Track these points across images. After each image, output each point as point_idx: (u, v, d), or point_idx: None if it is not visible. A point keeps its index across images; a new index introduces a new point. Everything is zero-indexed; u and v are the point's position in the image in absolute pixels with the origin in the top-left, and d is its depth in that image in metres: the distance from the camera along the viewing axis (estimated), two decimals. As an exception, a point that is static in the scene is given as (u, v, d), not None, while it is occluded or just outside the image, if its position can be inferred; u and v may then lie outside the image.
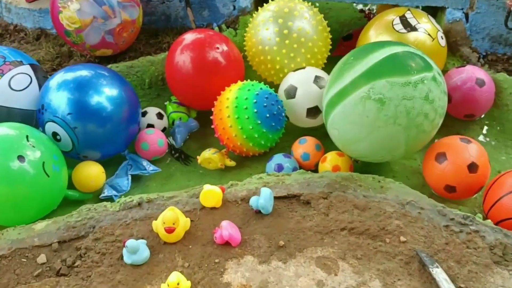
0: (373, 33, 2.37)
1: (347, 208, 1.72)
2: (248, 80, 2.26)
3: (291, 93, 2.18)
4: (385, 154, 1.95)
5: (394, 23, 2.31)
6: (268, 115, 2.07)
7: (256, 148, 2.14)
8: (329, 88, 1.96)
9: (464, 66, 2.27)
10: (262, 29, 2.36)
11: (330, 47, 2.45)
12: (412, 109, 1.78)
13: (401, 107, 1.78)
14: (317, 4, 2.64)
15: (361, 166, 2.15)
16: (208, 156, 2.17)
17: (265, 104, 2.07)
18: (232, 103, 2.09)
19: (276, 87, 2.32)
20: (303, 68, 2.26)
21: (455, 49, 2.48)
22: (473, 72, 2.20)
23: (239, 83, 2.18)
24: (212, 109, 2.20)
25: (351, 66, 1.89)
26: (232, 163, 2.19)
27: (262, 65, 2.40)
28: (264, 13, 2.40)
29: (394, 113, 1.78)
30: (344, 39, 2.78)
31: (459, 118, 2.29)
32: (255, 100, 2.07)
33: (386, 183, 1.84)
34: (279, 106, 2.14)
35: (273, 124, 2.11)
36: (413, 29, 2.26)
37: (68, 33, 2.44)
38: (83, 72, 2.12)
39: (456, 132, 2.28)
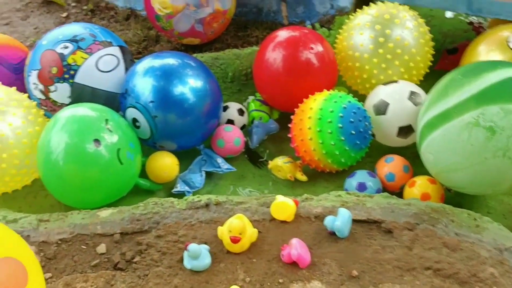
0: (483, 49, 2.12)
1: (435, 245, 1.51)
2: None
3: (381, 108, 1.99)
4: (486, 188, 1.72)
5: (508, 40, 2.06)
6: (353, 132, 1.90)
7: (334, 166, 1.98)
8: (428, 107, 1.75)
9: None
10: (356, 33, 2.19)
11: (430, 64, 2.22)
12: (527, 142, 1.55)
13: (514, 139, 1.55)
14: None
15: (452, 196, 1.92)
16: (280, 164, 2.04)
17: (351, 120, 1.90)
18: (315, 114, 1.93)
19: (360, 96, 2.15)
20: (395, 81, 2.06)
21: None
22: None
23: (326, 92, 2.02)
24: (292, 117, 2.06)
25: (459, 86, 1.68)
26: (303, 178, 2.03)
27: (349, 71, 2.24)
28: (362, 16, 2.22)
29: (505, 144, 1.55)
30: (448, 52, 2.53)
31: None
32: (341, 114, 1.90)
33: (483, 222, 1.61)
34: (367, 123, 1.95)
35: (358, 142, 1.92)
36: (531, 49, 1.99)
37: (159, 18, 2.40)
38: (170, 60, 2.07)
39: None
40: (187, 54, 2.24)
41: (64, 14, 3.17)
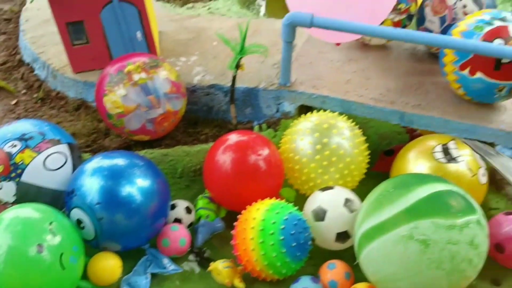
0: (412, 156, 2.29)
1: None
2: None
3: (320, 215, 2.09)
4: (424, 297, 1.82)
5: (435, 150, 2.23)
6: (294, 244, 1.96)
7: (275, 276, 2.02)
8: (364, 219, 1.88)
9: (512, 213, 2.13)
10: (298, 137, 2.33)
11: (365, 170, 2.38)
12: (457, 254, 1.69)
13: (446, 252, 1.68)
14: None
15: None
16: (220, 268, 2.04)
17: (292, 232, 1.97)
18: (258, 225, 1.99)
19: (301, 196, 2.27)
20: (331, 188, 2.19)
21: (501, 187, 2.37)
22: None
23: (268, 202, 2.10)
24: (235, 224, 2.12)
25: (391, 199, 1.82)
26: (241, 286, 2.03)
27: (291, 172, 2.37)
28: (305, 123, 2.38)
29: (438, 257, 1.68)
30: (385, 154, 2.71)
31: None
32: (283, 226, 1.97)
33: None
34: (307, 234, 2.03)
35: (298, 254, 1.99)
36: (454, 160, 2.18)
37: (110, 116, 2.46)
38: (119, 161, 2.09)
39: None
40: (136, 153, 2.29)
41: (14, 101, 3.15)
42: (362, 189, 2.23)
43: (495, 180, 2.37)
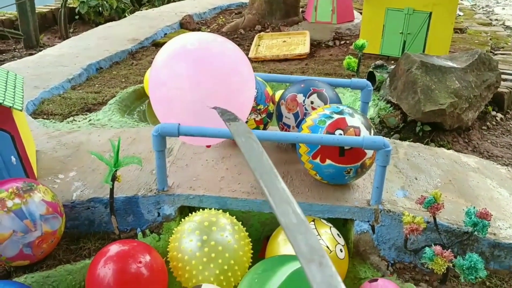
0: (281, 239, 2.53)
1: None
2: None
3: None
4: None
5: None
6: None
7: None
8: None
9: (376, 280, 2.36)
10: (181, 237, 2.46)
11: (248, 264, 2.50)
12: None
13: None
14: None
15: None
16: None
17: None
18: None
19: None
20: (200, 286, 2.30)
21: (366, 257, 2.64)
22: (386, 286, 2.29)
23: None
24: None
25: (261, 283, 1.96)
26: None
27: (176, 269, 2.47)
28: (189, 223, 2.51)
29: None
30: (267, 240, 2.89)
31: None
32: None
33: None
34: None
35: None
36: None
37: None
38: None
39: None
40: (14, 282, 2.24)
41: None
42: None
43: (359, 252, 2.63)
